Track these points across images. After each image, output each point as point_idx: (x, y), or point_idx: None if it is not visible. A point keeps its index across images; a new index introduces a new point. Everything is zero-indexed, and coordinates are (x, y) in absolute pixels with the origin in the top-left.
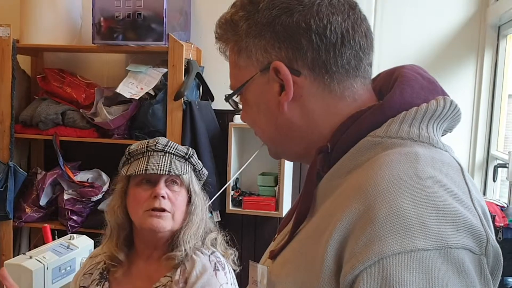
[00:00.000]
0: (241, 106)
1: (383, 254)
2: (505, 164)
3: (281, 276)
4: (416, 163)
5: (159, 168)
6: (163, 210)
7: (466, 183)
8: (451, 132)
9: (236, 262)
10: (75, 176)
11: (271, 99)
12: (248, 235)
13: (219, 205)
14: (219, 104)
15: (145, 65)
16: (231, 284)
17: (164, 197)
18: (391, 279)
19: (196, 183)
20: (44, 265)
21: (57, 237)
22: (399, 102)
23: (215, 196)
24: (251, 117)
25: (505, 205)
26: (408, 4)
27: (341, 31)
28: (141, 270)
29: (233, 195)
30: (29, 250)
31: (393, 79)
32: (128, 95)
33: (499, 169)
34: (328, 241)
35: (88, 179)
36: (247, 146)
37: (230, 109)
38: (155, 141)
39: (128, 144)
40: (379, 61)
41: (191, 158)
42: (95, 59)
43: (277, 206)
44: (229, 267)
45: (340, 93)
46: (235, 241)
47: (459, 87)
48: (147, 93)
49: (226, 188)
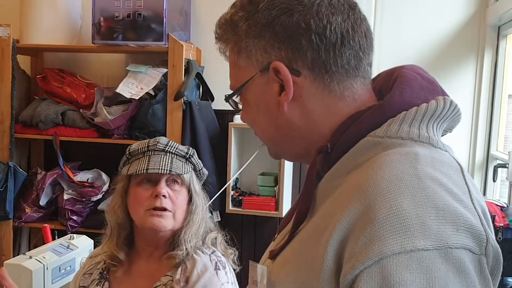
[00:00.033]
0: (241, 106)
1: (383, 254)
2: (505, 164)
3: (281, 276)
4: (416, 163)
5: (160, 167)
6: (164, 209)
7: (466, 183)
8: (451, 132)
9: (236, 261)
10: (75, 176)
11: (271, 99)
12: (248, 235)
13: (219, 205)
14: (219, 104)
15: (145, 65)
16: (232, 283)
17: (165, 196)
18: (391, 279)
19: (196, 183)
20: (44, 265)
21: (57, 237)
22: (399, 102)
23: (215, 196)
24: (251, 117)
25: (505, 205)
26: (408, 4)
27: (341, 31)
28: (141, 269)
29: (233, 195)
30: (29, 250)
31: (393, 79)
32: (128, 95)
33: (499, 169)
34: (328, 241)
35: (88, 179)
36: (247, 146)
37: (230, 109)
38: (156, 141)
39: (128, 144)
40: (379, 61)
41: (191, 157)
42: (95, 59)
43: (277, 206)
44: (229, 267)
45: (340, 93)
46: (235, 241)
47: (459, 87)
48: (147, 93)
49: (226, 188)
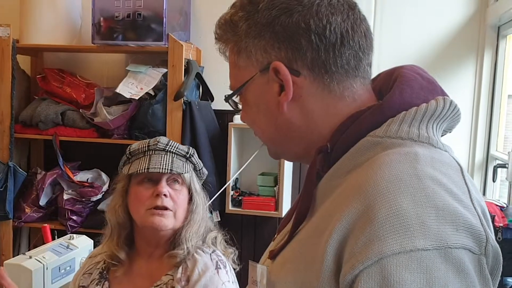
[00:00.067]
0: (240, 106)
1: (383, 254)
2: (505, 164)
3: (281, 276)
4: (415, 163)
5: (161, 166)
6: (165, 208)
7: (465, 183)
8: (450, 132)
9: (236, 261)
10: (74, 176)
11: (270, 99)
12: (247, 235)
13: (219, 205)
14: (219, 104)
15: (145, 65)
16: (232, 282)
17: (166, 196)
18: (390, 279)
19: (197, 182)
20: (43, 265)
21: (56, 237)
22: (399, 102)
23: (215, 196)
24: (250, 117)
25: (505, 205)
26: (408, 4)
27: (340, 31)
28: (142, 268)
29: (232, 195)
30: (29, 250)
31: (392, 79)
32: (128, 95)
33: (499, 169)
34: (327, 241)
35: (87, 179)
36: (247, 146)
37: (230, 109)
38: (156, 140)
39: (127, 144)
40: (379, 61)
41: (192, 157)
42: (95, 59)
43: (277, 206)
44: (230, 266)
45: (339, 93)
46: (235, 241)
47: (459, 87)
48: (147, 93)
49: (225, 188)
